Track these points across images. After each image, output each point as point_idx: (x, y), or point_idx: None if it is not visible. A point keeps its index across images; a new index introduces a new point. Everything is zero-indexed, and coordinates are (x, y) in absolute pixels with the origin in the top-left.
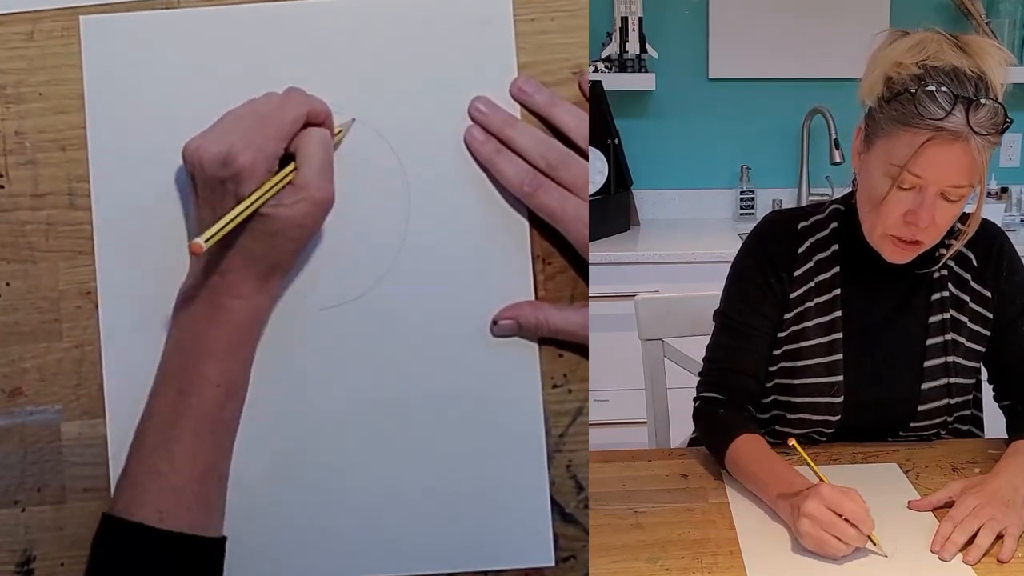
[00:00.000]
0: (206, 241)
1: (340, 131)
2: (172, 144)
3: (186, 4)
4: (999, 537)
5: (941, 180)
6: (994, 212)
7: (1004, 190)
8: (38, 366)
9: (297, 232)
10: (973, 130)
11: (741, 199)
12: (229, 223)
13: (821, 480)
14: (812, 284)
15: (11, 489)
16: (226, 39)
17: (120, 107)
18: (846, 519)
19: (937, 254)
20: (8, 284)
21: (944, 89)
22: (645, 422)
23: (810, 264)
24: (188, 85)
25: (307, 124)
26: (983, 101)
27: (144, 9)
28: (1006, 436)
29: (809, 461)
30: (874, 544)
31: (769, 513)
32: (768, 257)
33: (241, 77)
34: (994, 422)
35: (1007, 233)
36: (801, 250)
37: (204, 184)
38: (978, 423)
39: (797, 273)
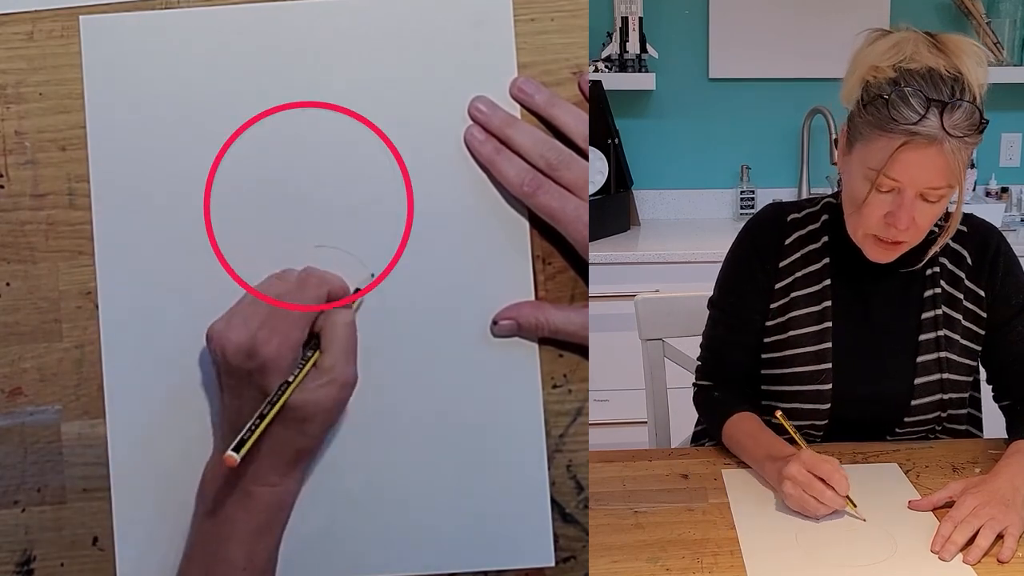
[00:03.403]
0: (239, 452)
1: (359, 299)
2: (172, 144)
3: (186, 4)
4: (999, 537)
5: (917, 183)
6: (994, 212)
7: (1004, 190)
8: (38, 366)
9: (323, 416)
10: (948, 133)
11: (741, 199)
12: (259, 430)
13: (803, 448)
14: (799, 275)
15: (11, 489)
16: (226, 39)
17: (120, 107)
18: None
19: (925, 254)
20: (8, 284)
21: (918, 93)
22: (645, 422)
23: (797, 255)
24: (188, 85)
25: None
26: (958, 103)
27: (144, 9)
28: (1006, 436)
29: (792, 430)
30: (853, 507)
31: (769, 512)
32: (754, 249)
33: (241, 77)
34: (994, 422)
35: (1007, 233)
36: (788, 242)
37: (228, 373)
38: (976, 423)
39: (782, 264)
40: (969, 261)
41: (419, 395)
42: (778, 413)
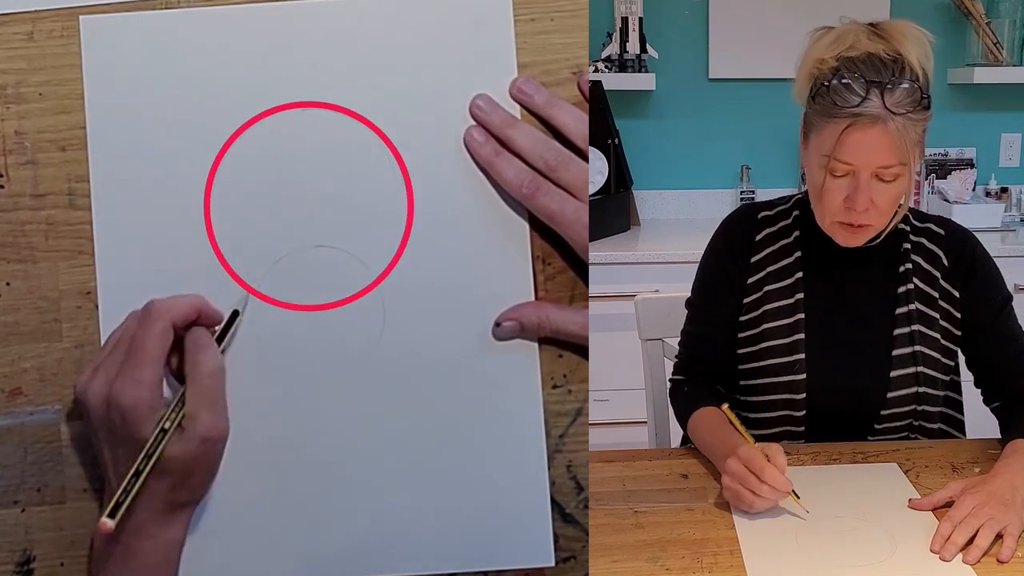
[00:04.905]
0: (113, 517)
1: (236, 313)
2: (172, 144)
3: (186, 4)
4: (999, 537)
5: (868, 163)
6: (993, 212)
7: (1004, 190)
8: (38, 366)
9: (193, 468)
10: (891, 111)
11: (741, 199)
12: (134, 490)
13: (747, 442)
14: (772, 269)
15: (11, 489)
16: (226, 39)
17: (120, 107)
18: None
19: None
20: (8, 284)
21: (859, 77)
22: (645, 422)
23: (768, 251)
24: (188, 85)
25: (193, 323)
26: (898, 82)
27: (144, 9)
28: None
29: (737, 424)
30: (796, 499)
31: (769, 513)
32: (727, 247)
33: (241, 77)
34: (985, 423)
35: (1007, 233)
36: (759, 238)
37: (97, 427)
38: (956, 424)
39: (754, 259)
40: (945, 262)
41: (419, 395)
42: (724, 406)
